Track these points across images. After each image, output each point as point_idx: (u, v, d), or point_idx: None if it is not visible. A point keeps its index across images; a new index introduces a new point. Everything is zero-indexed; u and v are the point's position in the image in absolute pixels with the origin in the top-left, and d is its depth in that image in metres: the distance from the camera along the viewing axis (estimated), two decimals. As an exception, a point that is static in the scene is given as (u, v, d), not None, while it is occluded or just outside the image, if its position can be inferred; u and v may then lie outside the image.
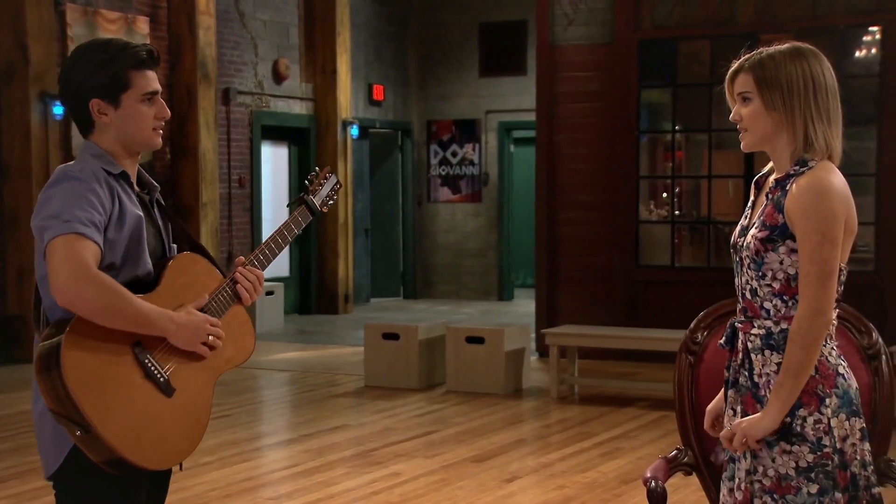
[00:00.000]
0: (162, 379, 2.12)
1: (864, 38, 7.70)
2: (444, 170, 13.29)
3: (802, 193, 2.16)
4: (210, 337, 2.18)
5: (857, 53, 7.73)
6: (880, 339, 2.48)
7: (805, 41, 2.28)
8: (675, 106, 8.24)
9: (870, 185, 7.52)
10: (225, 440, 5.82)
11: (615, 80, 8.30)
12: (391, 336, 7.36)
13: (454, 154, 13.25)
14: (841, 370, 2.22)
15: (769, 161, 2.30)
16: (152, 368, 2.12)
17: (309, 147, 11.71)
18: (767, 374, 2.23)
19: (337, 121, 11.68)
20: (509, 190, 13.24)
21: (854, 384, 2.23)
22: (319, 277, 11.78)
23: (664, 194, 8.62)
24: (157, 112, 2.24)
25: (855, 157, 7.99)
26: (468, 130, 13.17)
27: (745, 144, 2.30)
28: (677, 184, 8.55)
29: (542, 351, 8.35)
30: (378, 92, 12.80)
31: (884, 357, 2.46)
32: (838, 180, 2.18)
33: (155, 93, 2.24)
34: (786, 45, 2.25)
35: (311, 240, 11.75)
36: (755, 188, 2.37)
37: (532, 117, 9.38)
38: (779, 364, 2.21)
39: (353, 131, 11.90)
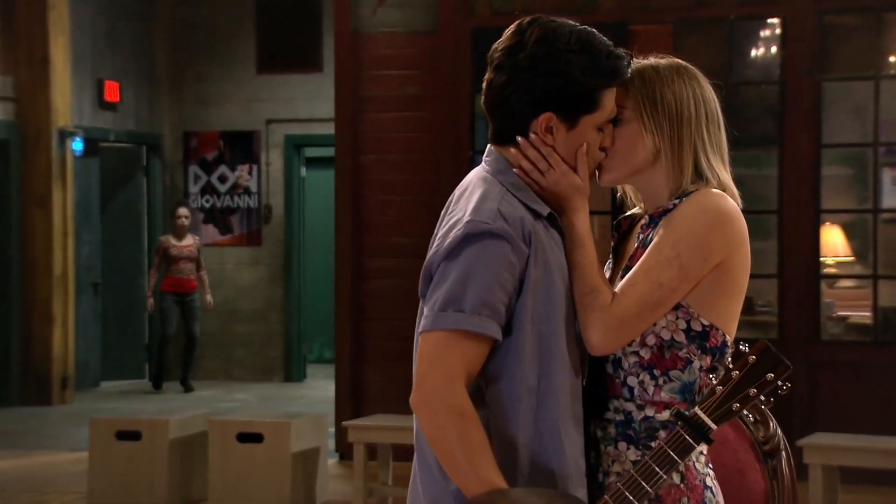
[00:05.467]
0: None
1: (762, 34, 8.16)
2: (208, 200, 13.14)
3: (685, 206, 2.29)
4: None
5: (753, 53, 8.17)
6: (779, 432, 2.57)
7: (685, 37, 2.44)
8: (521, 117, 8.46)
9: (771, 226, 7.89)
10: None
11: (441, 81, 8.45)
12: (129, 435, 7.24)
13: (223, 179, 13.13)
14: (708, 482, 2.33)
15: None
16: None
17: (9, 166, 11.38)
18: (618, 474, 2.30)
19: (51, 130, 11.40)
20: (300, 229, 13.21)
21: (721, 501, 2.34)
22: (23, 353, 11.41)
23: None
24: (602, 141, 2.34)
25: (752, 189, 8.40)
26: (242, 146, 13.09)
27: (607, 178, 2.40)
28: (525, 222, 8.75)
29: (344, 451, 8.33)
30: (112, 91, 12.56)
31: (783, 455, 2.55)
32: (738, 212, 2.32)
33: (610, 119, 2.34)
34: (665, 60, 2.38)
35: (11, 299, 11.35)
36: (616, 232, 2.49)
37: (330, 130, 9.40)
38: (635, 462, 2.28)
39: (76, 145, 11.63)
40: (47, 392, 11.39)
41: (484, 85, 2.37)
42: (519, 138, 2.32)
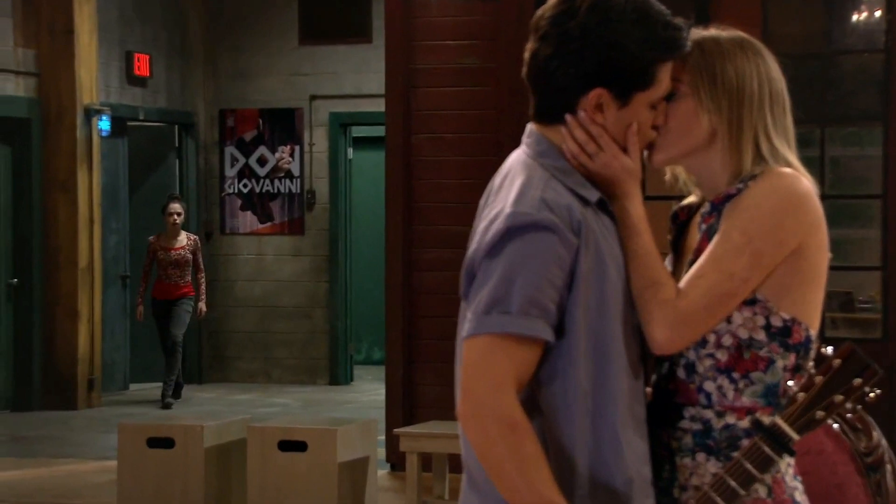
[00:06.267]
0: None
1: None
2: (246, 185, 13.21)
3: (755, 188, 2.28)
4: None
5: (854, 18, 8.09)
6: (884, 442, 2.56)
7: (777, 0, 2.42)
8: (591, 92, 8.44)
9: (874, 212, 7.80)
10: None
11: (501, 52, 8.43)
12: (162, 442, 7.27)
13: (262, 161, 13.20)
14: (797, 496, 2.31)
15: None
16: None
17: (31, 147, 11.50)
18: (696, 488, 2.28)
19: (75, 108, 11.51)
20: (346, 216, 13.25)
21: None
22: (46, 353, 11.52)
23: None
24: (655, 119, 2.34)
25: (852, 171, 8.30)
26: (283, 125, 13.15)
27: (658, 159, 2.39)
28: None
29: (396, 461, 8.36)
30: (142, 65, 12.67)
31: (888, 468, 2.55)
32: (812, 193, 2.31)
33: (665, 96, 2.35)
34: (727, 32, 2.37)
35: (32, 293, 11.47)
36: (673, 224, 2.48)
37: (380, 107, 9.43)
38: (716, 475, 2.27)
39: (103, 124, 11.73)
40: (72, 395, 11.48)
41: (526, 55, 2.33)
42: (567, 117, 2.29)
